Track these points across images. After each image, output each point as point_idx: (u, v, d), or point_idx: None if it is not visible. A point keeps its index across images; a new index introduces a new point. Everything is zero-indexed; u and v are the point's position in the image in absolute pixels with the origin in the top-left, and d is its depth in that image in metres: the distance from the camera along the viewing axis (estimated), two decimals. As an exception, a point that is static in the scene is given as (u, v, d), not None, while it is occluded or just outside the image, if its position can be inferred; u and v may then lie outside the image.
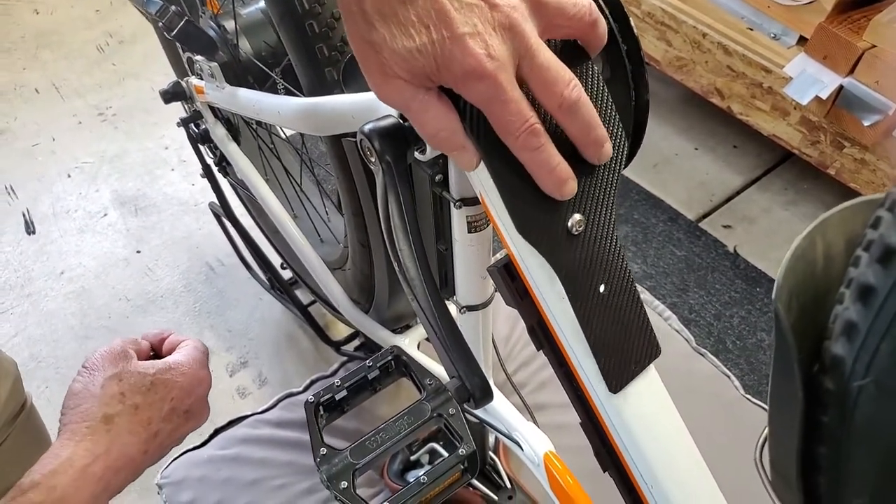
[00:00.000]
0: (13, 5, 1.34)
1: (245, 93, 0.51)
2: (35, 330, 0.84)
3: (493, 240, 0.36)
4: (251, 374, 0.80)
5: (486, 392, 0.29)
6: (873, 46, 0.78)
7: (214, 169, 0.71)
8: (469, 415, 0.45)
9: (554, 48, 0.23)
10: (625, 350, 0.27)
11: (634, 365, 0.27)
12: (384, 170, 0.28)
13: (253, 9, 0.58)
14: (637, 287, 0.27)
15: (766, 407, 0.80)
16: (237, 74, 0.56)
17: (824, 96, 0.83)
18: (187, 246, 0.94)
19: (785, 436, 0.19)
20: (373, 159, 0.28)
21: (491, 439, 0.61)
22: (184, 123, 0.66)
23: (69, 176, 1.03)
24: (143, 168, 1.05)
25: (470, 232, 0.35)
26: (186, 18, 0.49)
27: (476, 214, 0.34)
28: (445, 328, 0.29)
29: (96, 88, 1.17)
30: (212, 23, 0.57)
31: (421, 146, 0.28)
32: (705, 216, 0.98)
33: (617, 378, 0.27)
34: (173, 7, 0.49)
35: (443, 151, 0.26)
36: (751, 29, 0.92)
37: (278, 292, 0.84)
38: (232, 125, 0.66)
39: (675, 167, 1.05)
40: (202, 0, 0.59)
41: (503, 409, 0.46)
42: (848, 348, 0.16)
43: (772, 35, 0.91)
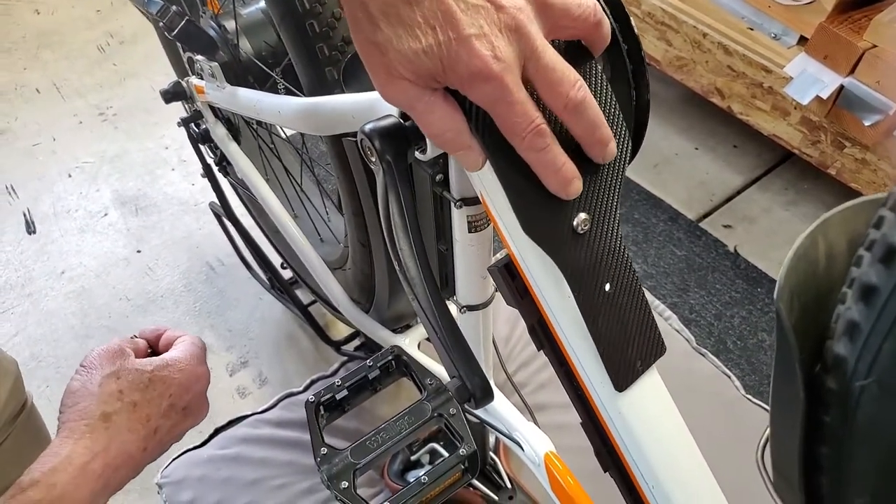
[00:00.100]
0: (14, 5, 1.34)
1: (245, 92, 0.51)
2: (35, 329, 0.84)
3: (494, 239, 0.36)
4: (251, 374, 0.80)
5: (487, 392, 0.29)
6: (874, 46, 0.78)
7: (215, 169, 0.71)
8: (469, 415, 0.45)
9: (558, 48, 0.23)
10: (630, 348, 0.27)
11: (640, 363, 0.27)
12: (385, 169, 0.28)
13: (253, 9, 0.58)
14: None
15: (767, 407, 0.80)
16: (237, 74, 0.56)
17: (825, 96, 0.82)
18: (187, 246, 0.94)
19: (787, 436, 0.19)
20: (373, 159, 0.28)
21: (491, 439, 0.61)
22: (184, 123, 0.66)
23: (70, 176, 1.03)
24: (144, 168, 1.05)
25: (470, 232, 0.35)
26: (187, 18, 0.49)
27: (476, 214, 0.34)
28: (446, 328, 0.29)
29: (97, 88, 1.18)
30: (212, 23, 0.57)
31: (421, 146, 0.28)
32: (706, 216, 0.98)
33: (623, 376, 0.27)
34: (174, 7, 0.49)
35: (448, 151, 0.26)
36: (751, 29, 0.92)
37: (278, 292, 0.84)
38: (232, 125, 0.66)
39: (676, 167, 1.05)
40: (203, 0, 0.59)
41: (504, 410, 0.46)
42: (850, 348, 0.16)
43: (772, 35, 0.91)
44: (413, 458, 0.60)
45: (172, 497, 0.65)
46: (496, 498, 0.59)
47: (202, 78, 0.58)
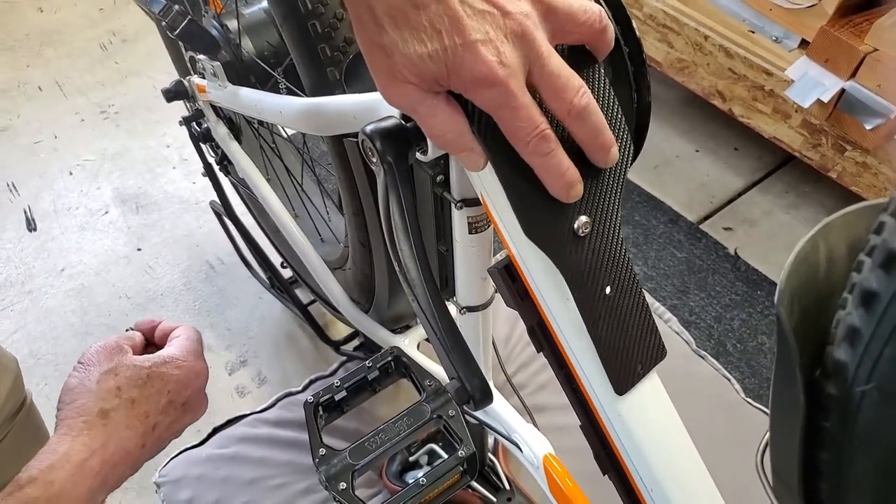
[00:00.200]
0: (17, 3, 1.34)
1: (247, 92, 0.51)
2: (35, 327, 0.84)
3: (494, 241, 0.36)
4: (250, 373, 0.80)
5: (486, 394, 0.29)
6: (875, 50, 0.78)
7: (216, 168, 0.71)
8: (468, 416, 0.45)
9: (561, 52, 0.23)
10: (631, 352, 0.27)
11: (640, 367, 0.27)
12: (385, 170, 0.28)
13: (255, 8, 0.58)
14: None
15: (767, 411, 0.79)
16: (239, 74, 0.56)
17: (826, 99, 0.82)
18: (188, 244, 0.94)
19: (786, 441, 0.19)
20: (374, 160, 0.28)
21: (490, 440, 0.61)
22: (185, 122, 0.66)
23: (71, 173, 1.03)
24: (145, 166, 1.05)
25: (471, 233, 0.35)
26: (189, 18, 0.50)
27: (477, 215, 0.34)
28: (445, 329, 0.29)
29: (99, 86, 1.18)
30: (214, 22, 0.57)
31: (422, 147, 0.28)
32: (706, 218, 0.98)
33: (623, 380, 0.27)
34: (176, 6, 0.49)
35: (450, 153, 0.26)
36: (752, 32, 0.92)
37: (278, 291, 0.84)
38: (233, 124, 0.66)
39: (676, 169, 1.05)
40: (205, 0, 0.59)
41: (503, 411, 0.46)
42: (850, 353, 0.16)
43: (773, 38, 0.91)
44: (411, 459, 0.60)
45: (170, 496, 0.65)
46: (494, 500, 0.59)
47: (204, 77, 0.58)
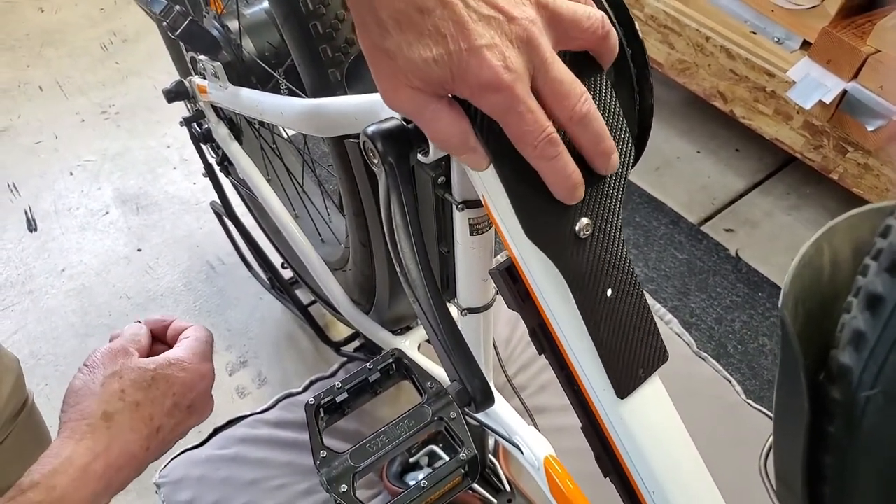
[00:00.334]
0: (18, 3, 1.34)
1: (248, 93, 0.51)
2: (35, 327, 0.84)
3: (495, 242, 0.36)
4: (251, 374, 0.79)
5: (488, 396, 0.29)
6: (877, 51, 0.78)
7: (216, 168, 0.71)
8: (469, 418, 0.45)
9: (563, 57, 0.23)
10: (632, 355, 0.27)
11: (642, 370, 0.27)
12: (387, 171, 0.27)
13: (256, 9, 0.58)
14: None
15: (768, 412, 0.79)
16: (240, 74, 0.56)
17: (828, 101, 0.82)
18: (188, 245, 0.94)
19: (790, 445, 0.19)
20: (375, 161, 0.28)
21: (491, 442, 0.61)
22: (186, 123, 0.66)
23: (71, 173, 1.03)
24: (145, 166, 1.05)
25: (472, 234, 0.35)
26: (190, 18, 0.49)
27: (478, 217, 0.34)
28: (447, 331, 0.29)
29: (99, 86, 1.18)
30: (215, 22, 0.57)
31: (424, 148, 0.28)
32: (707, 220, 0.98)
33: (624, 383, 0.27)
34: (177, 7, 0.49)
35: (452, 154, 0.26)
36: (754, 33, 0.92)
37: (279, 292, 0.84)
38: (234, 125, 0.66)
39: (677, 170, 1.04)
40: (206, 0, 0.59)
41: (504, 413, 0.46)
42: (856, 358, 0.16)
43: (775, 39, 0.91)
44: (412, 460, 0.60)
45: (171, 497, 0.64)
46: (495, 501, 0.58)
47: (205, 77, 0.58)
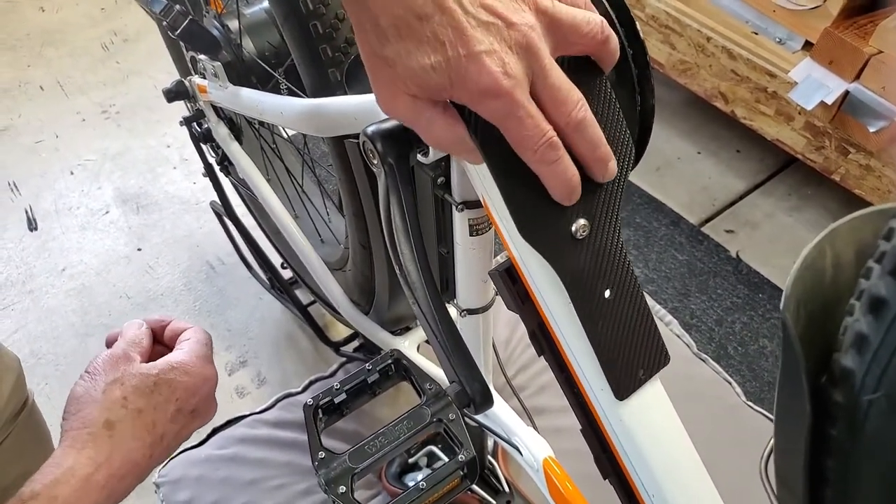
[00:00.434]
0: (19, 3, 1.34)
1: (248, 93, 0.51)
2: (36, 326, 0.84)
3: (496, 242, 0.36)
4: (250, 374, 0.79)
5: (487, 397, 0.28)
6: (880, 52, 0.78)
7: (216, 168, 0.71)
8: (468, 419, 0.45)
9: (563, 61, 0.23)
10: (632, 357, 0.26)
11: (642, 372, 0.27)
12: (386, 172, 0.27)
13: (257, 8, 0.58)
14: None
15: (769, 414, 0.79)
16: (240, 74, 0.56)
17: (830, 101, 0.82)
18: (188, 244, 0.94)
19: (792, 448, 0.19)
20: (375, 161, 0.28)
21: (490, 443, 0.61)
22: (186, 122, 0.66)
23: (72, 173, 1.03)
24: (146, 166, 1.05)
25: (471, 235, 0.34)
26: (190, 17, 0.49)
27: (478, 217, 0.34)
28: (446, 332, 0.28)
29: (100, 86, 1.18)
30: (215, 22, 0.57)
31: (423, 149, 0.28)
32: (707, 221, 0.98)
33: (624, 385, 0.27)
34: (177, 6, 0.49)
35: (449, 154, 0.26)
36: (756, 33, 0.92)
37: (278, 292, 0.84)
38: (234, 124, 0.66)
39: (678, 171, 1.04)
40: (206, 0, 0.58)
41: (503, 414, 0.46)
42: (858, 361, 0.16)
43: (777, 39, 0.90)
44: (411, 461, 0.60)
45: (170, 496, 0.64)
46: (494, 502, 0.58)
47: (205, 77, 0.58)
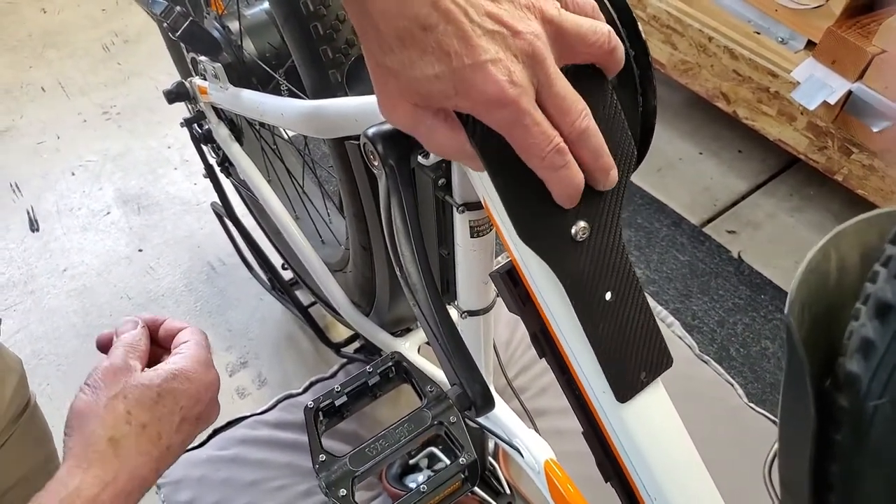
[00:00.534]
0: (21, 4, 1.35)
1: (248, 94, 0.51)
2: (37, 327, 0.84)
3: (496, 243, 0.35)
4: (251, 375, 0.79)
5: (488, 400, 0.28)
6: (883, 51, 0.77)
7: (217, 169, 0.71)
8: (469, 421, 0.44)
9: (567, 68, 0.23)
10: (634, 359, 0.26)
11: (644, 374, 0.27)
12: (387, 174, 0.27)
13: (257, 10, 0.58)
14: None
15: (770, 416, 0.78)
16: (241, 75, 0.56)
17: (832, 101, 0.82)
18: (189, 245, 0.94)
19: (796, 453, 0.19)
20: (376, 163, 0.28)
21: (491, 444, 0.61)
22: (187, 124, 0.66)
23: (73, 174, 1.03)
24: (147, 167, 1.05)
25: (472, 237, 0.34)
26: (191, 19, 0.49)
27: (479, 219, 0.34)
28: (447, 334, 0.28)
29: (101, 87, 1.18)
30: (216, 23, 0.57)
31: (424, 150, 0.28)
32: (709, 221, 0.98)
33: (625, 388, 0.26)
34: (178, 7, 0.49)
35: (450, 159, 0.26)
36: (758, 33, 0.92)
37: (279, 293, 0.84)
38: (235, 126, 0.66)
39: (680, 171, 1.04)
40: (206, 0, 0.58)
41: (504, 416, 0.46)
42: (864, 366, 0.16)
43: (779, 39, 0.90)
44: (411, 462, 0.60)
45: (171, 497, 0.64)
46: (495, 504, 0.58)
47: (205, 78, 0.58)
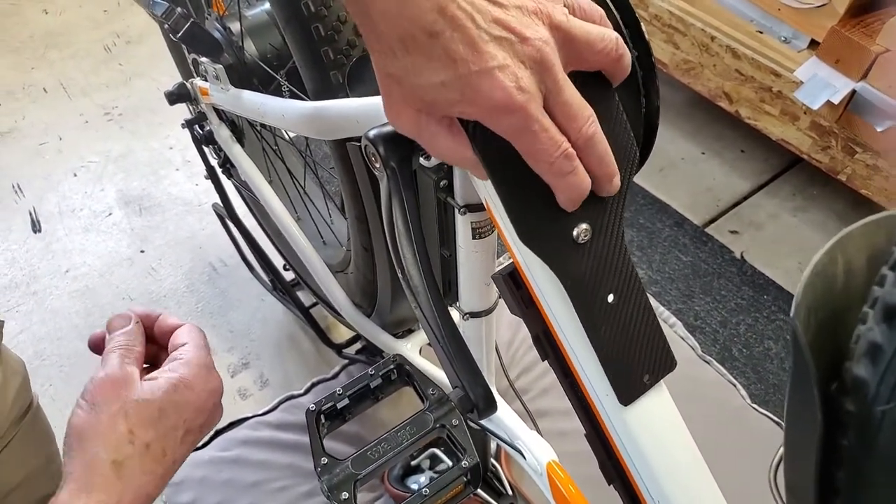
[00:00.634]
0: (22, 5, 1.35)
1: (249, 95, 0.51)
2: (40, 328, 0.84)
3: (498, 243, 0.35)
4: (252, 376, 0.79)
5: (490, 403, 0.28)
6: (887, 50, 0.77)
7: (218, 170, 0.71)
8: (471, 422, 0.44)
9: (570, 75, 0.23)
10: (636, 362, 0.26)
11: (647, 377, 0.26)
12: (389, 175, 0.27)
13: (258, 11, 0.58)
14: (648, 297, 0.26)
15: (773, 417, 0.78)
16: (242, 76, 0.56)
17: (836, 101, 0.81)
18: (191, 246, 0.94)
19: (802, 456, 0.19)
20: (377, 165, 0.27)
21: (493, 445, 0.60)
22: (188, 125, 0.66)
23: (75, 175, 1.04)
24: (148, 168, 1.05)
25: (474, 238, 0.34)
26: (192, 20, 0.49)
27: (481, 221, 0.34)
28: (448, 336, 0.28)
29: (103, 88, 1.18)
30: (217, 24, 0.56)
31: (426, 152, 0.28)
32: (712, 221, 0.97)
33: (628, 390, 0.26)
34: (179, 9, 0.49)
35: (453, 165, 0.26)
36: (760, 32, 0.91)
37: (280, 294, 0.84)
38: (236, 127, 0.66)
39: (682, 171, 1.04)
40: (208, 1, 0.58)
41: (506, 417, 0.46)
42: (871, 371, 0.16)
43: (782, 38, 0.90)
44: (413, 464, 0.60)
45: (173, 498, 0.64)
46: (497, 505, 0.58)
47: (206, 80, 0.58)
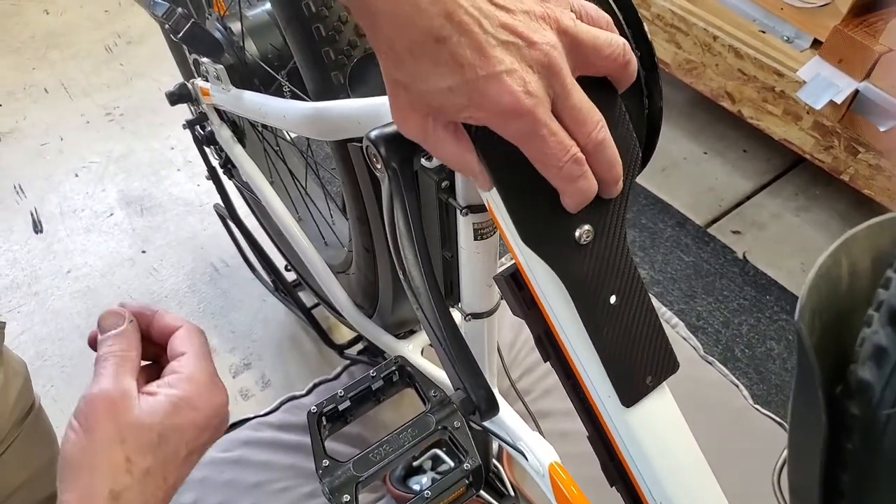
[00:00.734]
0: (24, 5, 1.35)
1: (250, 96, 0.51)
2: (41, 328, 0.84)
3: (501, 245, 0.35)
4: (254, 376, 0.79)
5: (492, 405, 0.28)
6: (890, 50, 0.77)
7: (220, 171, 0.71)
8: (473, 424, 0.44)
9: (580, 80, 0.23)
10: (639, 363, 0.26)
11: (650, 378, 0.26)
12: (390, 177, 0.27)
13: (259, 11, 0.58)
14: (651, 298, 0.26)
15: (776, 417, 0.78)
16: (243, 77, 0.56)
17: (839, 101, 0.81)
18: (192, 247, 0.94)
19: (806, 459, 0.18)
20: (379, 166, 0.27)
21: (494, 446, 0.60)
22: (189, 125, 0.66)
23: (76, 175, 1.04)
24: (150, 168, 1.05)
25: (476, 239, 0.34)
26: (193, 20, 0.49)
27: (482, 221, 0.33)
28: (450, 338, 0.28)
29: (104, 88, 1.18)
30: (218, 25, 0.56)
31: (427, 153, 0.28)
32: (714, 221, 0.97)
33: (630, 391, 0.26)
34: (179, 9, 0.49)
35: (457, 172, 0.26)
36: (763, 31, 0.91)
37: (282, 294, 0.84)
38: (238, 127, 0.66)
39: (684, 171, 1.03)
40: (208, 2, 0.58)
41: (508, 419, 0.45)
42: (877, 374, 0.16)
43: (785, 38, 0.89)
44: (415, 464, 0.60)
45: (174, 498, 0.64)
46: (499, 506, 0.58)
47: (207, 80, 0.58)
